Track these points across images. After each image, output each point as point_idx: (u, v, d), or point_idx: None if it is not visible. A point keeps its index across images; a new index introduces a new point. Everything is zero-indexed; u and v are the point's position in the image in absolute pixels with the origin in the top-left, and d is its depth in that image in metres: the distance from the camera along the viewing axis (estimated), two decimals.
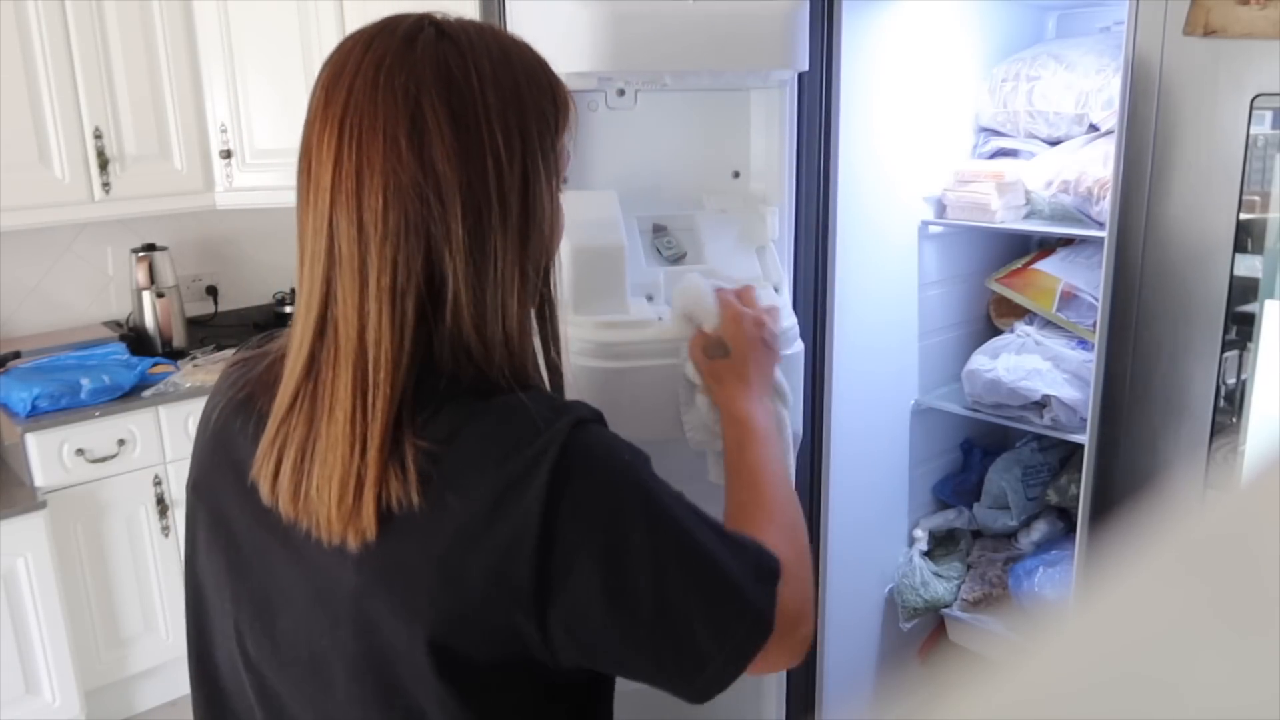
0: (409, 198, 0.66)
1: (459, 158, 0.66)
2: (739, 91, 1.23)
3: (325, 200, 0.67)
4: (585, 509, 0.66)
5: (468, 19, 0.73)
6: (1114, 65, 1.56)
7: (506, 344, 0.70)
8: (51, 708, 2.31)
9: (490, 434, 0.67)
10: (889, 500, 1.85)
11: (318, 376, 0.68)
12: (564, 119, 0.74)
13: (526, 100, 0.70)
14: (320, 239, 0.68)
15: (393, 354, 0.66)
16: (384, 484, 0.66)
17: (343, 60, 0.69)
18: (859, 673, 1.82)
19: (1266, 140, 1.04)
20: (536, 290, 0.73)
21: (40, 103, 2.37)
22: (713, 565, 0.69)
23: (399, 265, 0.66)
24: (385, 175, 0.66)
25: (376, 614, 0.67)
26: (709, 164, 1.24)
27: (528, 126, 0.69)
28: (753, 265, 1.19)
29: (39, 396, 2.31)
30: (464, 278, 0.67)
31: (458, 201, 0.66)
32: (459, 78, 0.67)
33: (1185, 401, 1.14)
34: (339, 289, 0.67)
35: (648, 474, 0.71)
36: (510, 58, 0.70)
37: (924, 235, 1.76)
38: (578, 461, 0.66)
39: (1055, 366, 1.67)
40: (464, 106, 0.67)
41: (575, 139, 0.77)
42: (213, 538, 0.78)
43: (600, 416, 0.72)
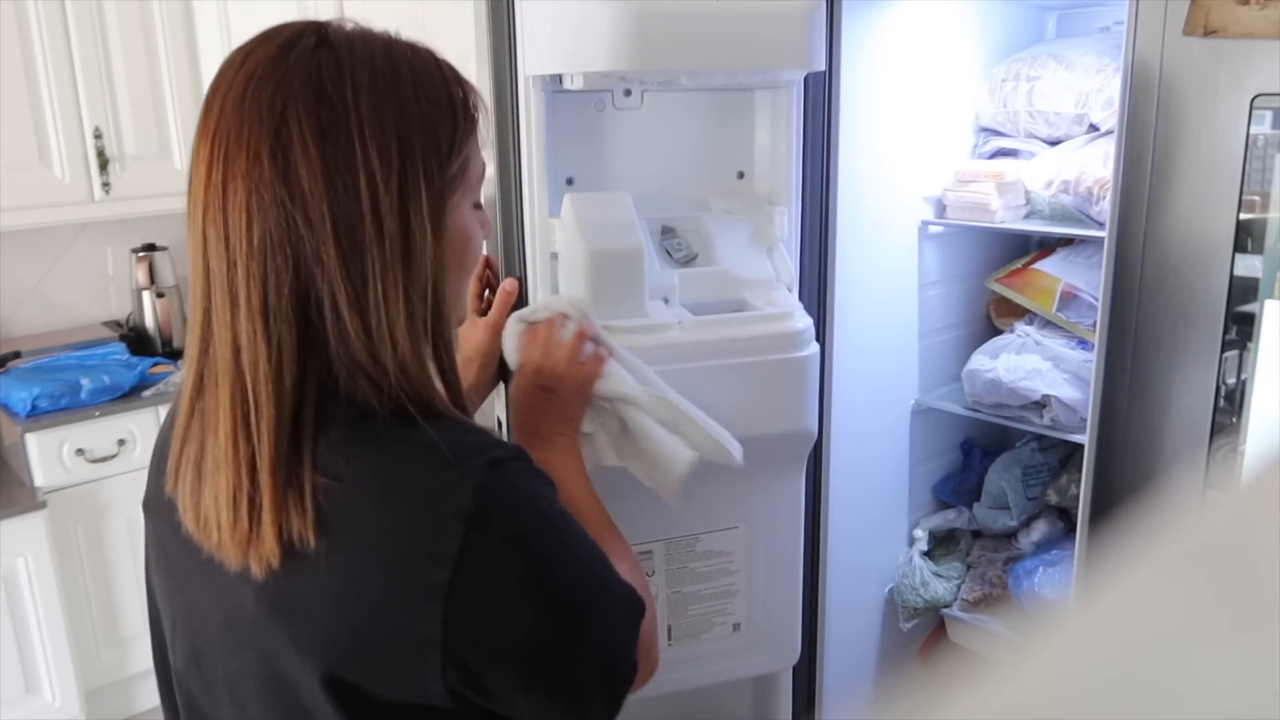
0: (273, 215, 0.63)
1: (326, 174, 0.63)
2: (743, 92, 1.23)
3: (199, 215, 0.65)
4: (495, 562, 0.64)
5: (367, 28, 0.69)
6: (1114, 65, 1.56)
7: (401, 369, 0.66)
8: (51, 708, 2.31)
9: (396, 472, 0.65)
10: (889, 500, 1.85)
11: (204, 394, 0.67)
12: (464, 134, 0.70)
13: (411, 113, 0.66)
14: (197, 254, 0.66)
15: (271, 375, 0.64)
16: (283, 513, 0.63)
17: (224, 71, 0.66)
18: (859, 673, 1.82)
19: (1266, 140, 1.04)
20: (425, 314, 0.68)
21: (40, 103, 2.37)
22: (607, 619, 0.70)
23: (268, 284, 0.63)
24: (247, 191, 0.63)
25: (275, 643, 0.66)
26: (714, 165, 1.24)
27: (410, 140, 0.65)
28: (765, 266, 1.18)
29: (39, 396, 2.31)
30: (345, 300, 0.64)
31: (327, 220, 0.63)
32: (330, 89, 0.64)
33: (1185, 401, 1.14)
34: (214, 306, 0.65)
35: (559, 517, 0.69)
36: (398, 68, 0.67)
37: (924, 235, 1.76)
38: (492, 510, 0.64)
39: (1055, 366, 1.67)
40: (334, 120, 0.63)
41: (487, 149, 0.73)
42: (156, 557, 0.78)
43: (523, 454, 0.70)
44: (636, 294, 1.08)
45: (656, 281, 1.11)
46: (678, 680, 1.23)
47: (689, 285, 1.14)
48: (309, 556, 0.64)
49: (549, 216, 1.10)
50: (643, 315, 1.07)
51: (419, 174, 0.66)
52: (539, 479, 0.70)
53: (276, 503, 0.63)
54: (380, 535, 0.64)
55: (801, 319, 1.14)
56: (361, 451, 0.66)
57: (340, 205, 0.63)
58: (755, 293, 1.16)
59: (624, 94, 1.17)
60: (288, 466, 0.64)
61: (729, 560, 1.21)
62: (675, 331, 1.07)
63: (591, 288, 1.05)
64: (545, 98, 1.07)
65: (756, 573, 1.23)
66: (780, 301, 1.16)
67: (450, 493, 0.63)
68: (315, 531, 0.63)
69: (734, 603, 1.23)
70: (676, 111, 1.21)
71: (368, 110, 0.64)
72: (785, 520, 1.24)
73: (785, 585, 1.27)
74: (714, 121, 1.23)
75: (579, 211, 1.08)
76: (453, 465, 0.64)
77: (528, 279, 1.13)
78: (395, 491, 0.65)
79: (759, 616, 1.25)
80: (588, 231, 1.06)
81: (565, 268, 1.10)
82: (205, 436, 0.66)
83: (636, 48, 0.98)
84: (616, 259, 1.07)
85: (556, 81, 1.06)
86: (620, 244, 1.07)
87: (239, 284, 0.64)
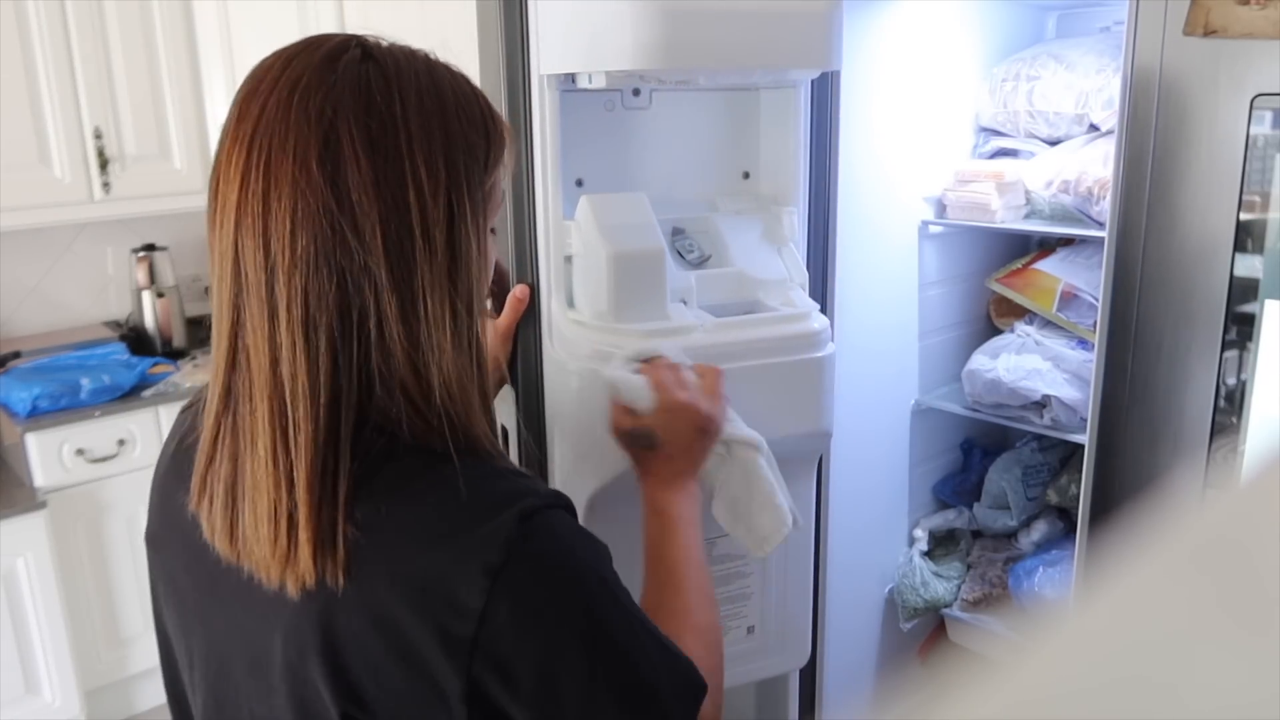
0: (319, 225, 0.62)
1: (376, 187, 0.62)
2: (749, 92, 1.23)
3: (231, 221, 0.63)
4: (524, 619, 0.62)
5: (401, 44, 0.69)
6: (1114, 65, 1.56)
7: (445, 385, 0.65)
8: (51, 708, 2.32)
9: (427, 519, 0.64)
10: (889, 500, 1.85)
11: (236, 409, 0.65)
12: (496, 155, 0.70)
13: (455, 131, 0.66)
14: (227, 263, 0.64)
15: (309, 388, 0.62)
16: (319, 534, 0.62)
17: (260, 76, 0.65)
18: (859, 673, 1.82)
19: (1266, 140, 1.04)
20: (470, 332, 0.68)
21: (40, 103, 2.37)
22: (645, 693, 0.66)
23: (310, 295, 0.62)
24: (293, 199, 0.61)
25: (304, 685, 0.65)
26: (720, 165, 1.24)
27: (455, 159, 0.65)
28: (778, 266, 1.18)
29: (39, 396, 2.31)
30: (393, 314, 0.63)
31: (377, 233, 0.62)
32: (380, 103, 0.63)
33: (1185, 401, 1.14)
34: (248, 317, 0.64)
35: (597, 579, 0.66)
36: (440, 86, 0.67)
37: (924, 235, 1.76)
38: (520, 566, 0.62)
39: (1055, 366, 1.67)
40: (384, 133, 0.63)
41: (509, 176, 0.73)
42: (168, 593, 0.76)
43: (560, 500, 0.68)
44: (659, 296, 1.07)
45: (674, 283, 1.10)
46: None
47: (705, 286, 1.14)
48: (338, 598, 0.63)
49: (563, 219, 1.10)
50: (665, 318, 1.07)
51: (463, 190, 0.66)
52: (577, 535, 0.68)
53: (312, 520, 0.62)
54: (408, 584, 0.62)
55: (819, 319, 1.14)
56: (396, 492, 0.64)
57: (390, 218, 0.62)
58: (770, 293, 1.16)
59: (633, 94, 1.17)
60: (323, 486, 0.63)
61: (744, 563, 1.21)
62: (698, 334, 1.06)
63: (613, 291, 1.05)
64: (559, 98, 1.07)
65: (770, 574, 1.23)
66: (797, 302, 1.16)
67: (479, 545, 0.62)
68: (345, 574, 0.62)
69: (749, 605, 1.23)
70: (683, 111, 1.21)
71: (416, 125, 0.64)
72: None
73: (797, 586, 1.27)
74: (720, 122, 1.23)
75: (597, 213, 1.07)
76: (484, 516, 0.63)
77: (540, 282, 1.12)
78: (424, 540, 0.63)
79: (772, 618, 1.25)
80: (608, 234, 1.06)
81: (583, 271, 1.10)
82: (239, 453, 0.65)
83: (660, 47, 0.97)
84: (639, 261, 1.06)
85: (569, 81, 1.06)
86: (642, 246, 1.06)
87: (279, 294, 0.62)
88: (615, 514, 1.09)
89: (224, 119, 0.67)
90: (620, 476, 1.06)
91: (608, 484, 1.08)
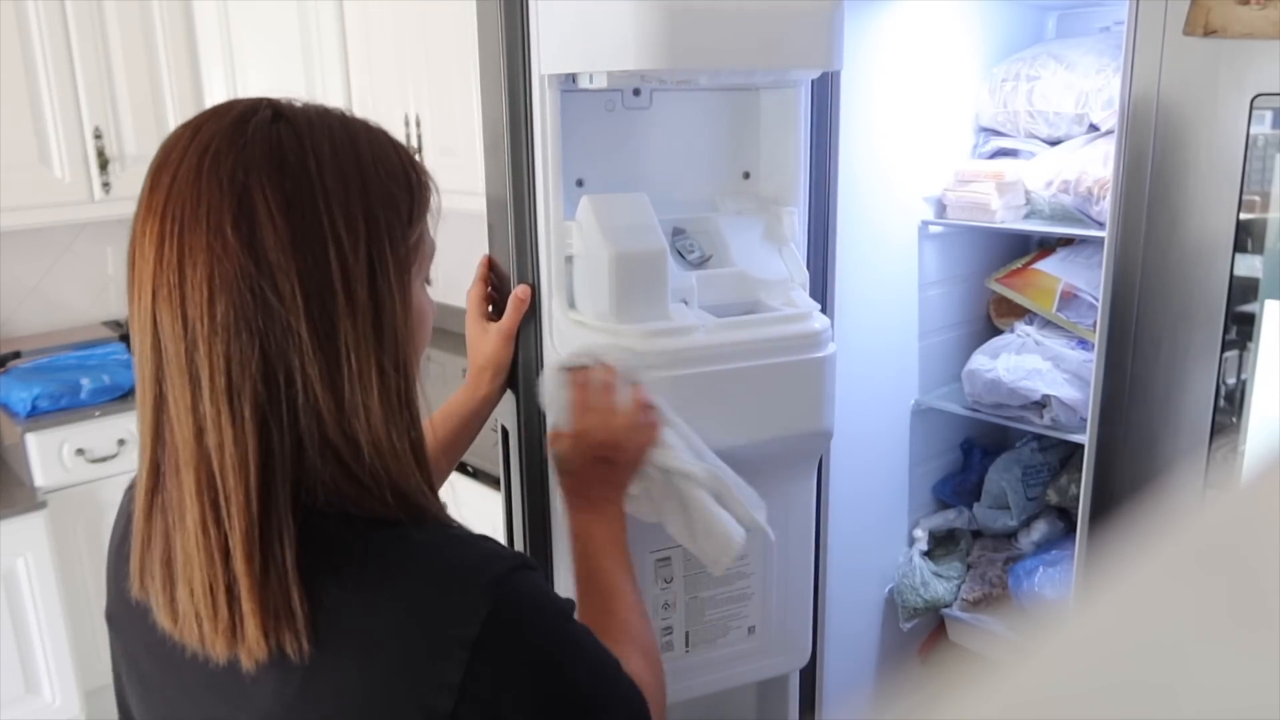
0: (238, 290, 0.60)
1: (294, 245, 0.61)
2: (749, 92, 1.23)
3: (147, 294, 0.62)
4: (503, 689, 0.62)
5: (316, 103, 0.68)
6: (1114, 65, 1.56)
7: (375, 447, 0.64)
8: (51, 708, 2.32)
9: (395, 593, 0.63)
10: (889, 500, 1.85)
11: (164, 485, 0.64)
12: (420, 206, 0.69)
13: (373, 185, 0.65)
14: (146, 336, 0.63)
15: (237, 457, 0.61)
16: (265, 607, 0.61)
17: (171, 147, 0.65)
18: (859, 673, 1.82)
19: (1266, 140, 1.04)
20: (401, 390, 0.66)
21: (40, 103, 2.38)
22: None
23: (232, 362, 0.61)
24: (209, 266, 0.60)
25: None
26: (720, 165, 1.24)
27: (374, 213, 0.64)
28: (778, 266, 1.18)
29: (39, 396, 2.31)
30: (317, 375, 0.62)
31: (298, 293, 0.61)
32: (294, 161, 0.62)
33: (1185, 401, 1.14)
34: (169, 389, 0.62)
35: (567, 639, 0.67)
36: (356, 141, 0.66)
37: (924, 235, 1.76)
38: (496, 637, 0.61)
39: (1055, 366, 1.67)
40: (299, 191, 0.62)
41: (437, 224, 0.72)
42: (130, 674, 0.76)
43: (524, 561, 0.68)
44: (660, 296, 1.07)
45: (675, 283, 1.10)
46: (694, 687, 1.23)
47: (706, 287, 1.14)
48: (305, 673, 0.62)
49: (564, 219, 1.10)
50: (666, 318, 1.07)
51: (385, 244, 0.65)
52: (544, 596, 0.68)
53: (255, 592, 0.61)
54: (383, 659, 0.61)
55: (820, 319, 1.15)
56: (357, 563, 0.63)
57: (310, 276, 0.61)
58: (771, 293, 1.16)
59: (633, 94, 1.17)
60: (265, 554, 0.61)
61: (745, 564, 1.21)
62: (700, 334, 1.07)
63: (615, 291, 1.05)
64: (559, 98, 1.07)
65: (771, 575, 1.24)
66: (798, 302, 1.16)
67: (454, 618, 0.61)
68: (311, 644, 0.61)
69: (749, 606, 1.23)
70: (684, 112, 1.20)
71: (331, 181, 0.63)
72: (798, 521, 1.25)
73: (798, 586, 1.27)
74: (720, 122, 1.23)
75: (599, 214, 1.07)
76: (455, 587, 0.63)
77: (541, 283, 1.12)
78: (396, 614, 0.62)
79: (773, 618, 1.25)
80: (610, 234, 1.06)
81: (584, 271, 1.10)
82: (170, 530, 0.63)
83: (661, 47, 0.97)
84: (640, 261, 1.06)
85: (570, 81, 1.06)
86: (643, 246, 1.07)
87: (200, 364, 0.61)
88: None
89: None
90: None
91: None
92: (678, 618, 1.20)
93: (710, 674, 1.24)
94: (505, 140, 1.09)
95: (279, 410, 0.62)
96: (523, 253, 1.12)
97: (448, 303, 1.45)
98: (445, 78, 2.25)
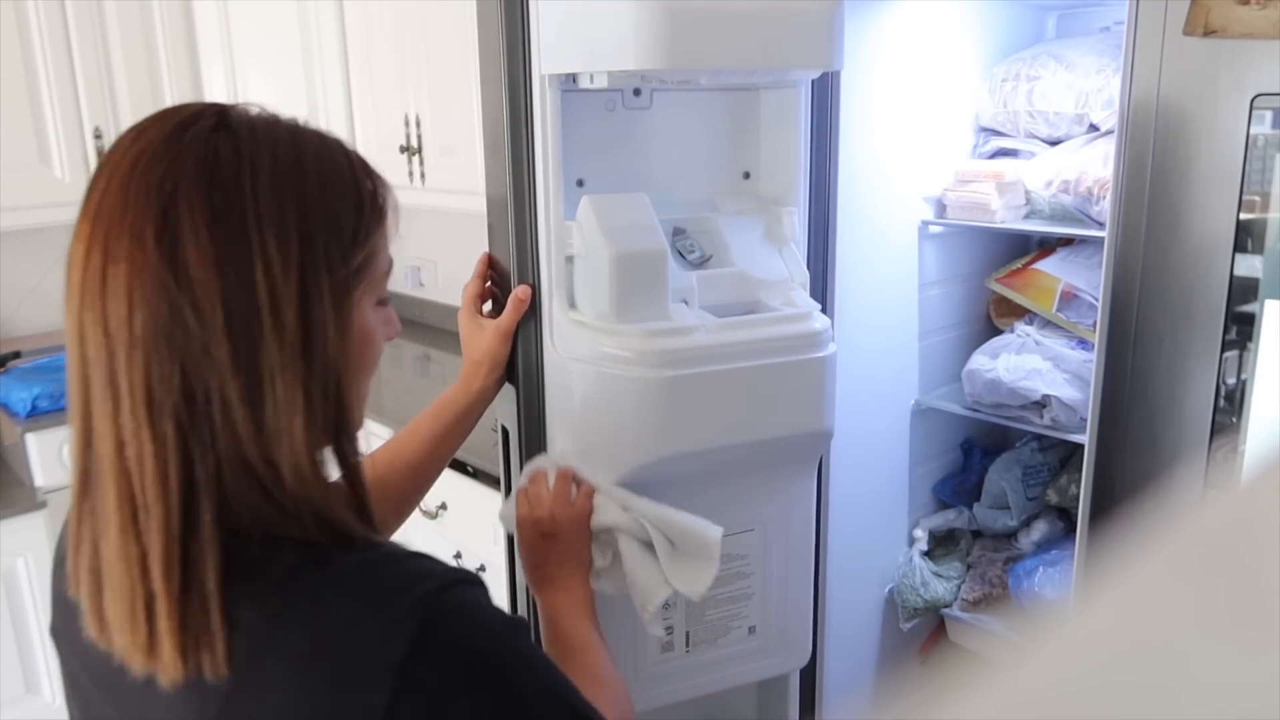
0: (157, 303, 0.58)
1: (218, 263, 0.59)
2: (750, 92, 1.23)
3: (75, 301, 0.61)
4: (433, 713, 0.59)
5: (274, 114, 0.66)
6: (1114, 65, 1.56)
7: (296, 472, 0.62)
8: (52, 708, 2.32)
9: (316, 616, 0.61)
10: (889, 500, 1.85)
11: (92, 492, 0.63)
12: (371, 225, 0.66)
13: (314, 203, 0.62)
14: (73, 343, 0.61)
15: (157, 473, 0.59)
16: (184, 629, 0.59)
17: (113, 150, 0.63)
18: (859, 673, 1.82)
19: (1266, 140, 1.04)
20: (331, 414, 0.64)
21: (40, 103, 2.38)
22: None
23: (152, 377, 0.59)
24: (129, 276, 0.58)
25: None
26: (721, 165, 1.24)
27: (311, 232, 0.62)
28: (778, 266, 1.19)
29: (39, 396, 2.31)
30: (237, 397, 0.60)
31: (218, 311, 0.59)
32: (227, 174, 0.60)
33: (1185, 401, 1.14)
34: (93, 399, 0.61)
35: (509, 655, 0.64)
36: (302, 156, 0.63)
37: (924, 235, 1.76)
38: (427, 655, 0.59)
39: (1055, 366, 1.67)
40: (229, 206, 0.59)
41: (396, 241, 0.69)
42: (71, 689, 0.75)
43: (463, 576, 0.64)
44: (660, 296, 1.07)
45: (675, 283, 1.11)
46: (694, 686, 1.23)
47: (706, 287, 1.14)
48: (226, 696, 0.60)
49: (564, 219, 1.10)
50: (666, 318, 1.07)
51: (320, 264, 0.62)
52: (482, 612, 0.64)
53: (173, 611, 0.59)
54: (308, 685, 0.59)
55: (820, 319, 1.15)
56: (283, 587, 0.62)
57: (233, 295, 0.59)
58: (771, 293, 1.16)
59: (634, 94, 1.17)
60: (185, 574, 0.60)
61: (745, 563, 1.21)
62: (700, 334, 1.07)
63: (615, 291, 1.05)
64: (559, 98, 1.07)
65: (771, 574, 1.24)
66: (798, 302, 1.16)
67: (379, 639, 0.59)
68: (230, 669, 0.59)
69: (750, 605, 1.23)
70: (684, 112, 1.21)
71: (266, 196, 0.61)
72: (798, 521, 1.25)
73: (798, 586, 1.27)
74: (721, 122, 1.23)
75: (599, 214, 1.07)
76: (378, 608, 0.60)
77: (541, 282, 1.12)
78: (322, 638, 0.60)
79: (773, 618, 1.25)
80: (610, 234, 1.06)
81: (584, 271, 1.10)
82: (97, 537, 0.62)
83: (661, 47, 0.97)
84: (641, 261, 1.06)
85: (570, 81, 1.06)
86: (644, 246, 1.07)
87: (120, 376, 0.59)
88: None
89: None
90: (626, 475, 1.07)
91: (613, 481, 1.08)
92: (678, 617, 1.20)
93: (710, 674, 1.24)
94: (505, 140, 1.09)
95: (202, 429, 0.60)
96: (523, 252, 1.12)
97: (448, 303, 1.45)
98: (445, 78, 2.25)
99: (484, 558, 1.95)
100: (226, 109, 0.64)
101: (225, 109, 0.64)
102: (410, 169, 2.41)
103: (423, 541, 2.12)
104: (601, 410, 1.08)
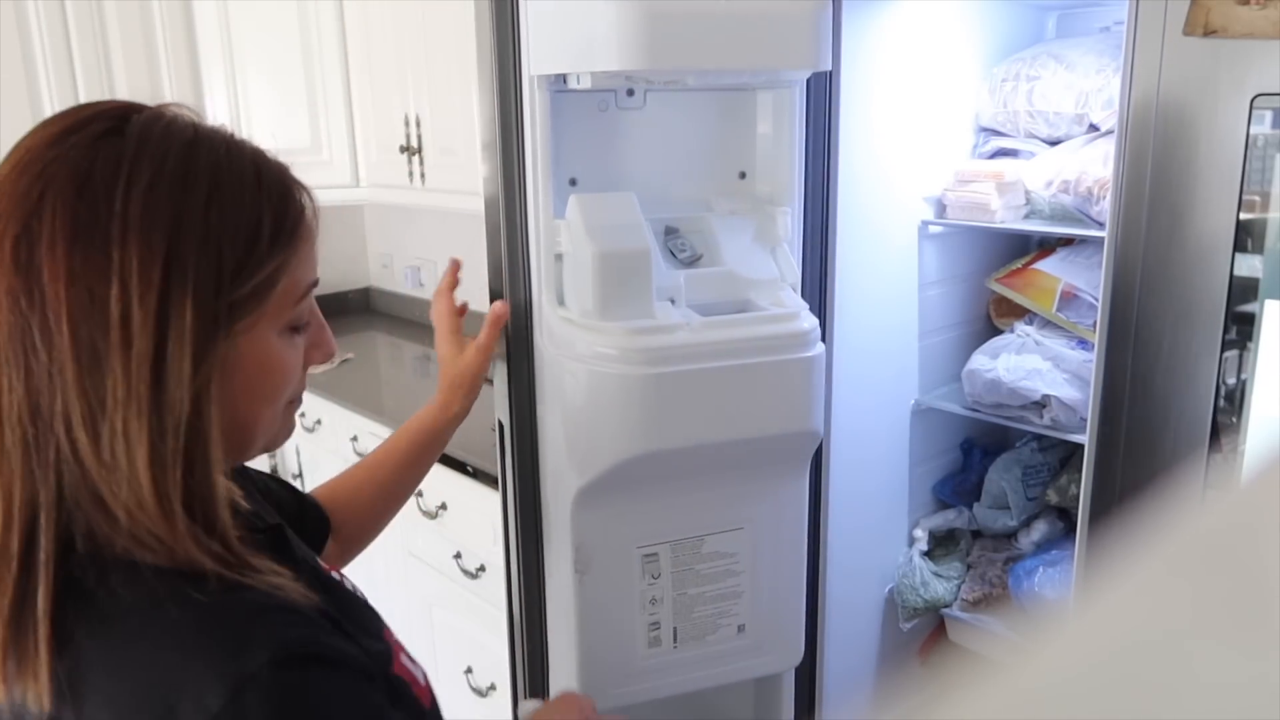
0: (8, 313, 0.56)
1: (70, 278, 0.55)
2: (745, 92, 1.23)
3: None
4: None
5: (186, 120, 0.62)
6: (1114, 65, 1.56)
7: (139, 505, 0.58)
8: None
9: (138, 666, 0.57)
10: (889, 500, 1.85)
11: None
12: (273, 250, 0.62)
13: (192, 223, 0.58)
14: None
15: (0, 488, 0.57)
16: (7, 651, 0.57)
17: (14, 148, 0.60)
18: (859, 673, 1.82)
19: (1266, 140, 1.04)
20: (175, 449, 0.59)
21: (40, 103, 2.38)
22: None
23: (0, 389, 0.57)
24: None
25: None
26: (716, 165, 1.24)
27: (182, 254, 0.57)
28: (769, 266, 1.19)
29: None
30: (79, 419, 0.56)
31: (65, 329, 0.56)
32: (98, 185, 0.56)
33: (1185, 401, 1.14)
34: None
35: None
36: (195, 170, 0.59)
37: (924, 235, 1.76)
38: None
39: (1055, 366, 1.67)
40: (93, 219, 0.56)
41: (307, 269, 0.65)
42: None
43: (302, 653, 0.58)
44: (644, 295, 1.08)
45: (662, 282, 1.11)
46: (682, 683, 1.23)
47: (694, 286, 1.14)
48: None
49: (554, 218, 1.10)
50: (650, 316, 1.07)
51: (186, 292, 0.58)
52: (305, 702, 0.58)
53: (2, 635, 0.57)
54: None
55: (808, 319, 1.14)
56: (115, 620, 0.58)
57: (83, 315, 0.56)
58: (760, 293, 1.17)
59: (627, 94, 1.17)
60: (17, 597, 0.57)
61: (734, 561, 1.21)
62: (683, 333, 1.07)
63: (599, 289, 1.06)
64: (549, 98, 1.07)
65: (761, 573, 1.24)
66: (786, 301, 1.16)
67: (190, 698, 0.54)
68: (49, 701, 0.56)
69: (739, 604, 1.23)
70: (679, 112, 1.21)
71: (136, 213, 0.57)
72: (789, 520, 1.25)
73: (789, 585, 1.27)
74: (716, 122, 1.23)
75: (585, 213, 1.08)
76: (202, 664, 0.55)
77: (531, 281, 1.12)
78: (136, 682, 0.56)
79: (764, 617, 1.25)
80: (595, 233, 1.06)
81: (571, 269, 1.11)
82: None
83: (645, 47, 0.98)
84: (624, 260, 1.07)
85: (560, 81, 1.06)
86: (627, 245, 1.07)
87: None
88: (604, 506, 1.10)
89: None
90: (609, 470, 1.07)
91: (597, 477, 1.09)
92: (665, 613, 1.20)
93: (699, 670, 1.24)
94: (497, 140, 1.10)
95: (45, 449, 0.57)
96: (514, 251, 1.13)
97: None
98: (445, 78, 2.25)
99: (483, 558, 1.95)
100: (133, 112, 0.61)
101: (131, 111, 0.61)
102: (410, 169, 2.41)
103: (423, 541, 2.13)
104: (588, 406, 1.08)
